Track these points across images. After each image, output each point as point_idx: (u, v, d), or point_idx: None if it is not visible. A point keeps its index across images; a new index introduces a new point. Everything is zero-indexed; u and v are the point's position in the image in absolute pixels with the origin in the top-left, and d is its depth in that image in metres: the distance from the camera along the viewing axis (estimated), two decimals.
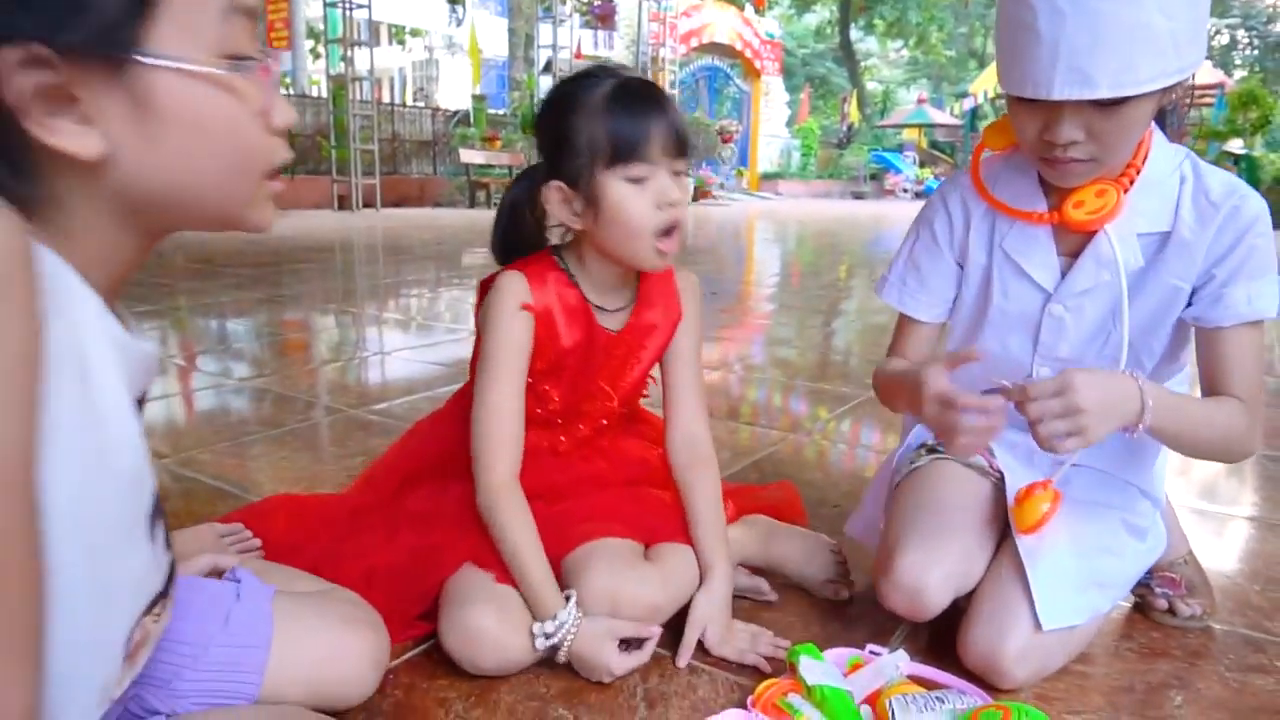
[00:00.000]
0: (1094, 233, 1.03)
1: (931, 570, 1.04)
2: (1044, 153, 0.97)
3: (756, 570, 1.30)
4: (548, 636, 1.03)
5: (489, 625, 1.02)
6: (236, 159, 0.57)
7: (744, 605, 1.24)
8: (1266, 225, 0.99)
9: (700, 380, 1.29)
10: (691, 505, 1.21)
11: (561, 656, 1.04)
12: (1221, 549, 1.50)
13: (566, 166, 1.09)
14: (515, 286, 1.14)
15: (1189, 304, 1.03)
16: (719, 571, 1.15)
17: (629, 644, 1.06)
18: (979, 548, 1.09)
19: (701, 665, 1.08)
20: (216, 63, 0.54)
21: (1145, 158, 1.01)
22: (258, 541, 1.29)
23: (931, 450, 1.20)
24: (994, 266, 1.11)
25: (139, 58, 0.51)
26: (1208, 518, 1.64)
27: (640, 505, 1.23)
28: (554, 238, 1.21)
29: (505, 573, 1.08)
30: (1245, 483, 1.86)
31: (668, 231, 1.11)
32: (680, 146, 1.09)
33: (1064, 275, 1.07)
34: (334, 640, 0.91)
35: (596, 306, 1.19)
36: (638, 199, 1.08)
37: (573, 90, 1.10)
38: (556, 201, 1.11)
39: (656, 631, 1.07)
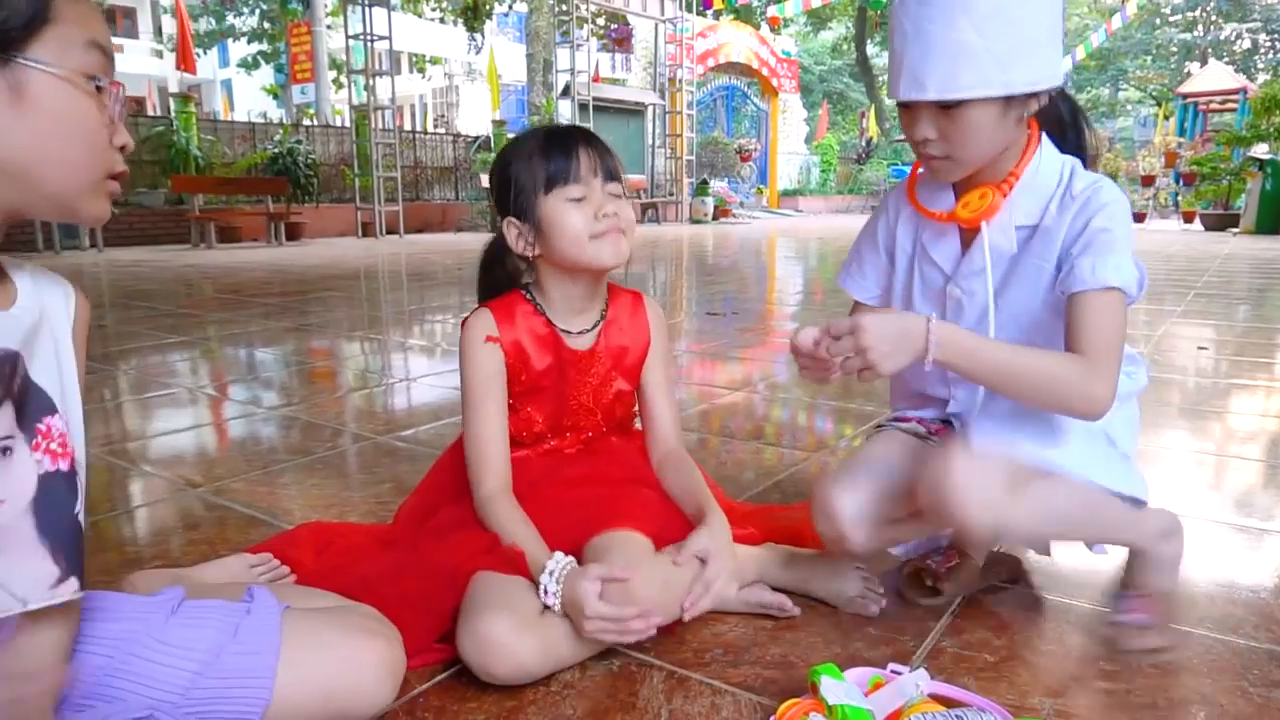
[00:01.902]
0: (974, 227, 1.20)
1: (845, 497, 1.21)
2: (916, 151, 1.16)
3: (780, 590, 1.31)
4: (551, 574, 1.10)
5: (500, 632, 1.05)
6: (82, 152, 0.71)
7: (767, 624, 1.25)
8: (1117, 210, 1.12)
9: (674, 404, 1.44)
10: (677, 482, 1.34)
11: (555, 602, 1.09)
12: (1251, 564, 1.49)
13: (515, 204, 1.27)
14: (480, 323, 1.31)
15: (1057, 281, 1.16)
16: (717, 514, 1.24)
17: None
18: (901, 491, 1.21)
19: (725, 686, 1.10)
20: (78, 76, 0.70)
21: (1026, 164, 1.17)
22: (286, 569, 1.33)
23: (880, 426, 1.38)
24: (915, 255, 1.29)
25: (22, 60, 0.67)
26: (1241, 532, 1.63)
27: (647, 506, 1.29)
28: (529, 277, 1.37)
29: (510, 565, 1.14)
30: (1278, 498, 1.85)
31: (611, 238, 1.25)
32: (609, 171, 1.25)
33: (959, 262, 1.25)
34: (346, 650, 0.93)
35: (563, 330, 1.33)
36: (576, 212, 1.24)
37: (511, 145, 1.30)
38: (513, 236, 1.28)
39: (629, 574, 1.09)
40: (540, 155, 1.24)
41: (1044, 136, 1.19)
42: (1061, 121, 1.22)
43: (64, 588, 0.75)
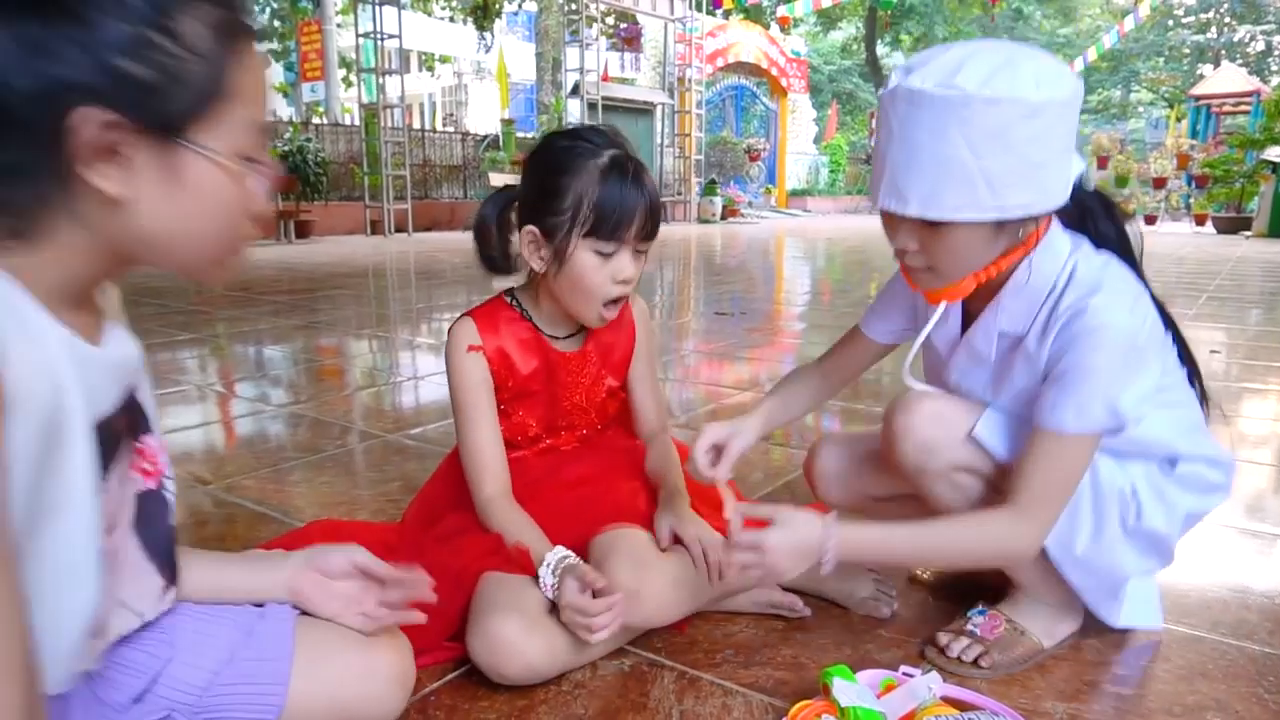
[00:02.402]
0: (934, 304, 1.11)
1: (823, 454, 1.36)
2: (896, 257, 1.07)
3: (792, 590, 1.31)
4: (548, 566, 1.11)
5: (510, 633, 1.05)
6: (222, 230, 0.70)
7: (778, 625, 1.25)
8: (1101, 340, 0.99)
9: (657, 392, 1.47)
10: (654, 463, 1.37)
11: (552, 595, 1.10)
12: (1264, 569, 1.48)
13: (546, 219, 1.21)
14: (463, 333, 1.30)
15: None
16: (678, 495, 1.28)
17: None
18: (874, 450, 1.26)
19: (736, 687, 1.09)
20: (237, 160, 0.68)
21: (1015, 261, 1.05)
22: None
23: None
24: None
25: (184, 143, 0.65)
26: (1254, 537, 1.62)
27: (648, 499, 1.31)
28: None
29: (515, 564, 1.14)
30: None
31: (616, 301, 1.27)
32: (652, 229, 1.23)
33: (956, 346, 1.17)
34: (359, 658, 0.94)
35: (549, 335, 1.34)
36: (599, 271, 1.22)
37: (570, 150, 1.21)
38: (527, 244, 1.25)
39: (603, 582, 1.08)
40: (596, 191, 1.18)
41: (1051, 231, 1.06)
42: (1091, 213, 1.09)
43: (168, 596, 0.82)
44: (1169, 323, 1.12)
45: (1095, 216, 1.10)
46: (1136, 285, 1.05)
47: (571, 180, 1.18)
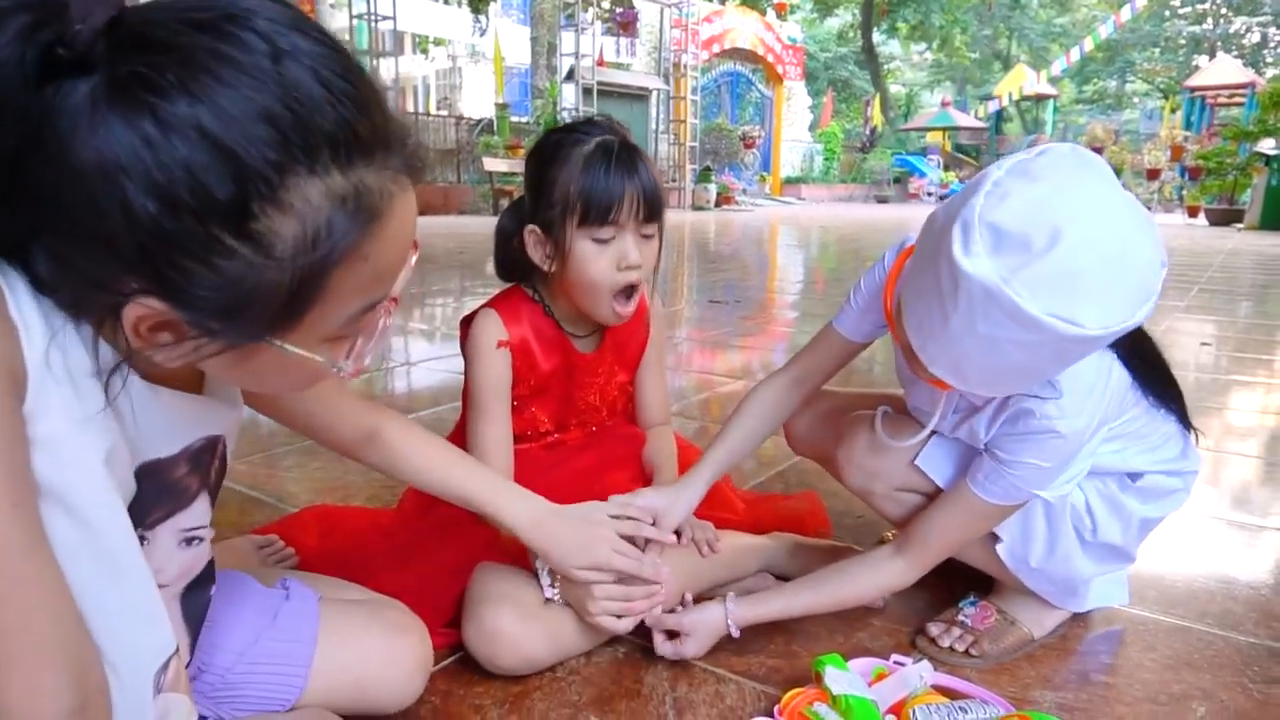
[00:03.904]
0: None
1: (799, 418, 1.37)
2: (915, 370, 0.98)
3: (785, 579, 1.32)
4: (545, 567, 1.11)
5: (505, 624, 1.06)
6: (298, 387, 0.67)
7: None
8: (1045, 445, 0.98)
9: (664, 385, 1.49)
10: (651, 451, 1.40)
11: (552, 590, 1.11)
12: (1249, 560, 1.50)
13: (542, 214, 1.19)
14: (491, 326, 1.27)
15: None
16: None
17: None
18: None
19: (729, 675, 1.10)
20: (326, 346, 0.60)
21: None
22: (292, 551, 1.34)
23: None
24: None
25: (266, 343, 0.57)
26: (1239, 528, 1.64)
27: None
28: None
29: (512, 557, 1.15)
30: (1278, 493, 1.86)
31: (626, 292, 1.21)
32: (650, 211, 1.18)
33: None
34: (382, 644, 0.94)
35: (570, 333, 1.32)
36: (600, 259, 1.18)
37: (558, 143, 1.19)
38: (532, 244, 1.23)
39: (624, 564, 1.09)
40: (583, 177, 1.15)
41: None
42: (1139, 351, 1.05)
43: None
44: (1147, 358, 1.08)
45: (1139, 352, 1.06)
46: (1104, 368, 1.00)
47: (559, 171, 1.17)
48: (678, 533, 1.22)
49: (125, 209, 0.48)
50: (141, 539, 0.65)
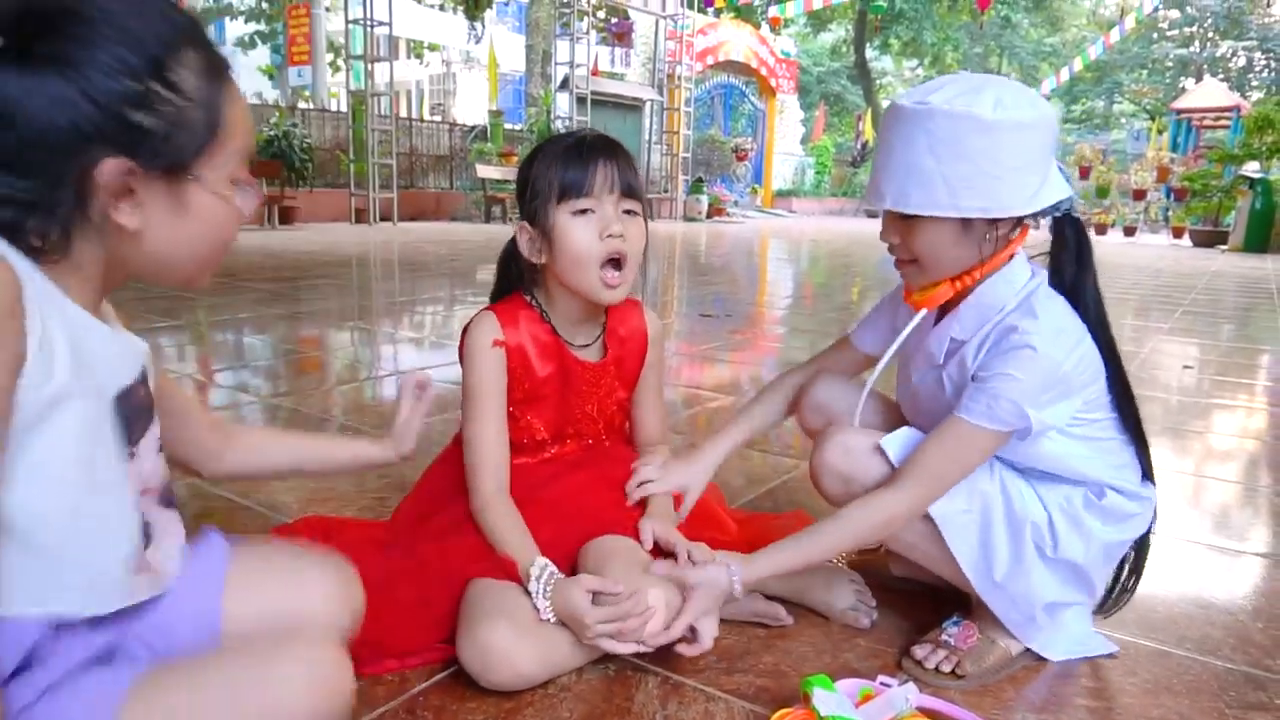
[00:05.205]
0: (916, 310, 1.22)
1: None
2: (891, 252, 1.21)
3: (775, 599, 1.34)
4: (537, 579, 1.12)
5: (499, 640, 1.07)
6: (215, 246, 0.81)
7: (761, 632, 1.28)
8: (1023, 358, 1.08)
9: (662, 404, 1.52)
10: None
11: (546, 610, 1.11)
12: (1228, 585, 1.53)
13: (529, 207, 1.27)
14: (487, 326, 1.31)
15: None
16: (663, 503, 1.35)
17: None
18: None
19: (719, 693, 1.12)
20: (230, 187, 0.80)
21: (985, 277, 1.16)
22: None
23: None
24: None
25: (191, 176, 0.76)
26: (1219, 553, 1.67)
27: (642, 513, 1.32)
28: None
29: (505, 573, 1.16)
30: (1256, 518, 1.89)
31: (614, 263, 1.26)
32: (626, 186, 1.25)
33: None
34: (296, 570, 0.97)
35: (567, 341, 1.35)
36: (582, 228, 1.24)
37: (539, 147, 1.30)
38: (524, 240, 1.29)
39: (620, 587, 1.11)
40: (559, 163, 1.25)
41: (1015, 259, 1.17)
42: (1065, 242, 1.17)
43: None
44: (1115, 373, 1.17)
45: (1066, 246, 1.17)
46: (1079, 329, 1.13)
47: (540, 165, 1.27)
48: (673, 554, 1.23)
49: (89, 97, 0.68)
50: (131, 455, 0.80)
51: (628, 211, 1.27)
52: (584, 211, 1.24)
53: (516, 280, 1.37)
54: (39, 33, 0.67)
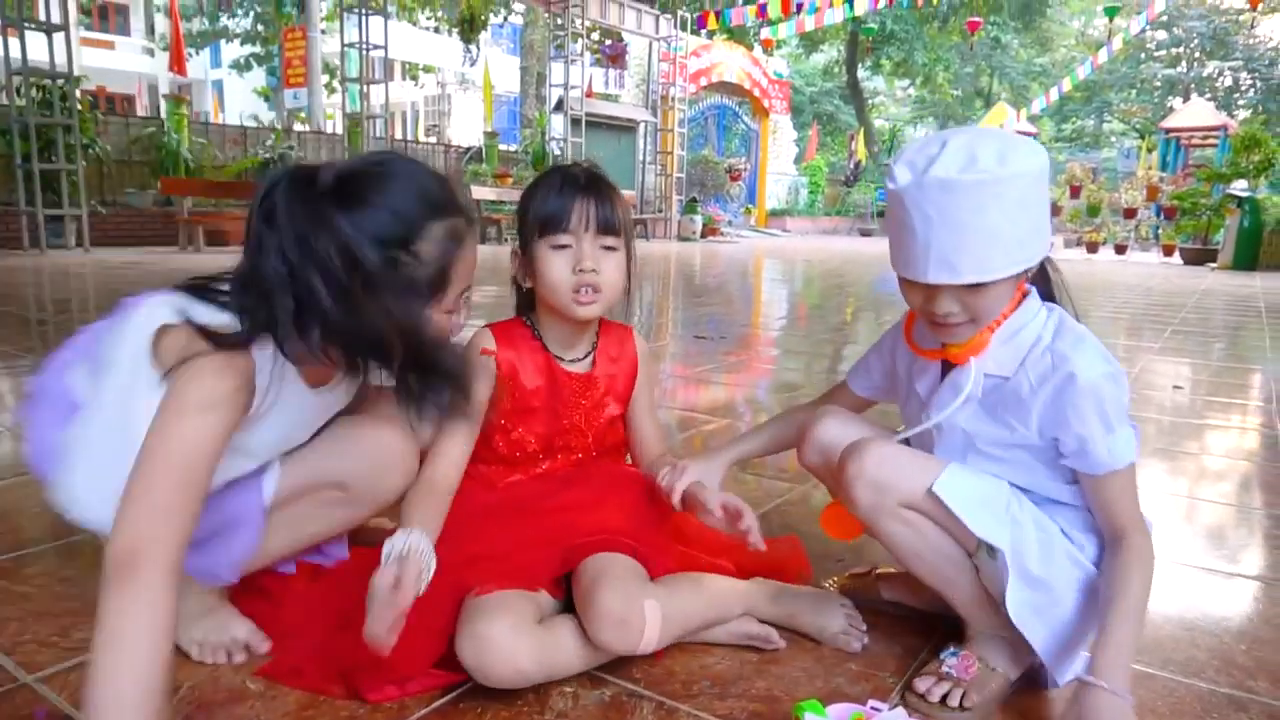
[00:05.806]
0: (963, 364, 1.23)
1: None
2: (929, 319, 1.19)
3: (766, 623, 1.36)
4: (400, 541, 1.11)
5: (498, 634, 1.10)
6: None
7: (753, 657, 1.30)
8: (1102, 390, 1.14)
9: (657, 422, 1.58)
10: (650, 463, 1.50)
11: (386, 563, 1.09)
12: (1214, 606, 1.55)
13: (520, 236, 1.39)
14: (480, 338, 1.42)
15: (1063, 456, 1.19)
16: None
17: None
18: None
19: (712, 718, 1.14)
20: (445, 315, 1.13)
21: (1013, 310, 1.20)
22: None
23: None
24: (907, 384, 1.37)
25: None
26: (1208, 574, 1.69)
27: (636, 523, 1.35)
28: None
29: (498, 581, 1.18)
30: (1246, 541, 1.91)
31: (584, 291, 1.34)
32: (605, 224, 1.33)
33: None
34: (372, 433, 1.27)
35: (557, 356, 1.43)
36: (557, 262, 1.33)
37: (537, 179, 1.40)
38: (516, 266, 1.41)
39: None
40: (544, 198, 1.34)
41: (1031, 288, 1.23)
42: (1043, 271, 1.26)
43: None
44: None
45: (1046, 265, 1.26)
46: (1102, 350, 1.18)
47: (531, 200, 1.36)
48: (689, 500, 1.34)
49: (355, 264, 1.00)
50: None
51: (607, 247, 1.35)
52: (562, 246, 1.33)
53: (524, 300, 1.46)
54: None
